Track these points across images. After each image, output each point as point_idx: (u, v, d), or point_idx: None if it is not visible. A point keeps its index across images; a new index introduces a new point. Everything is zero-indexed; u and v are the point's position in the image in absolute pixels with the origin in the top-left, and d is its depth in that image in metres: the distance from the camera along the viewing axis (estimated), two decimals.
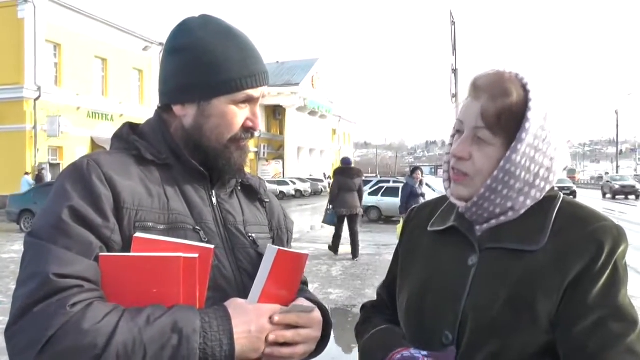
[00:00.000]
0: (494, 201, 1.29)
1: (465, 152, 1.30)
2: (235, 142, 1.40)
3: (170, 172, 1.36)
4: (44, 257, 1.12)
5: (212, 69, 1.35)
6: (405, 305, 1.42)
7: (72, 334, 1.04)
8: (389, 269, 1.61)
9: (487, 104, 1.26)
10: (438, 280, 1.35)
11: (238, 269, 1.36)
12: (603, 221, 1.23)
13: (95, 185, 1.21)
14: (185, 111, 1.38)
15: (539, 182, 1.28)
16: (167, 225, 1.27)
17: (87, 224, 1.17)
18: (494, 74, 1.31)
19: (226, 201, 1.45)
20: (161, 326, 1.09)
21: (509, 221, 1.30)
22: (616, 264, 1.19)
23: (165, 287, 1.15)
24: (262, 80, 1.41)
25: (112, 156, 1.32)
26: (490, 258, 1.29)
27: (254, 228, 1.48)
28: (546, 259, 1.21)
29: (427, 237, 1.46)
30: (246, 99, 1.39)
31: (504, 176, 1.26)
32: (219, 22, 1.42)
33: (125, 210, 1.23)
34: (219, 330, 1.14)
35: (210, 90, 1.35)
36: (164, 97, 1.42)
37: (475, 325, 1.24)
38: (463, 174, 1.32)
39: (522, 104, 1.25)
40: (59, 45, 27.31)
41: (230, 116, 1.37)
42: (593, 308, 1.16)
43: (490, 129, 1.26)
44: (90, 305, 1.08)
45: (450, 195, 1.38)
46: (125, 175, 1.27)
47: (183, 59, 1.37)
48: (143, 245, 1.18)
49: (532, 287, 1.20)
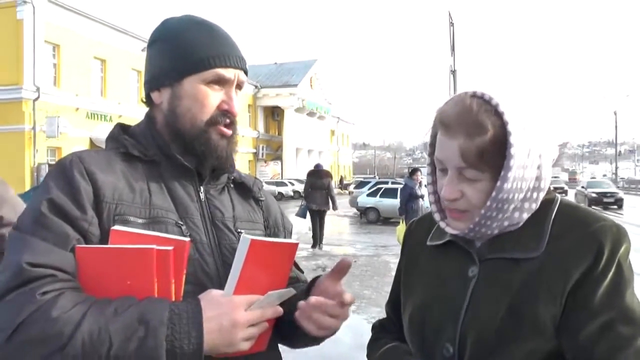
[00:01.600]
0: (491, 225, 1.26)
1: (457, 193, 1.26)
2: (212, 125, 1.39)
3: (156, 169, 1.37)
4: (20, 247, 1.14)
5: (180, 51, 1.38)
6: (408, 321, 1.41)
7: (40, 322, 1.05)
8: (392, 286, 1.60)
9: (465, 144, 1.20)
10: (439, 293, 1.34)
11: (223, 264, 1.35)
12: (602, 221, 1.21)
13: (76, 179, 1.23)
14: (161, 97, 1.41)
15: (532, 194, 1.25)
16: (148, 220, 1.28)
17: (65, 216, 1.19)
18: (461, 107, 1.22)
19: (215, 197, 1.45)
20: (128, 317, 1.09)
21: (508, 231, 1.28)
22: (619, 263, 1.16)
23: (139, 279, 1.15)
24: (234, 62, 1.41)
25: (98, 153, 1.34)
26: (490, 268, 1.27)
27: (245, 224, 1.47)
28: (547, 264, 1.20)
29: (426, 252, 1.45)
30: (217, 79, 1.38)
31: (497, 204, 1.22)
32: (195, 17, 1.46)
33: (105, 204, 1.24)
34: (188, 322, 1.12)
35: (180, 70, 1.37)
36: (144, 89, 1.46)
37: (478, 335, 1.23)
38: (461, 212, 1.29)
39: (501, 133, 1.18)
40: (57, 46, 27.23)
41: (202, 96, 1.37)
42: (599, 311, 1.14)
43: (475, 168, 1.22)
44: (62, 294, 1.10)
45: (446, 226, 1.34)
46: (108, 171, 1.29)
47: (156, 48, 1.43)
48: (120, 238, 1.19)
49: (533, 294, 1.19)
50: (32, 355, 1.04)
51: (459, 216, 1.29)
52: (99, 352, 1.05)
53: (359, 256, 13.01)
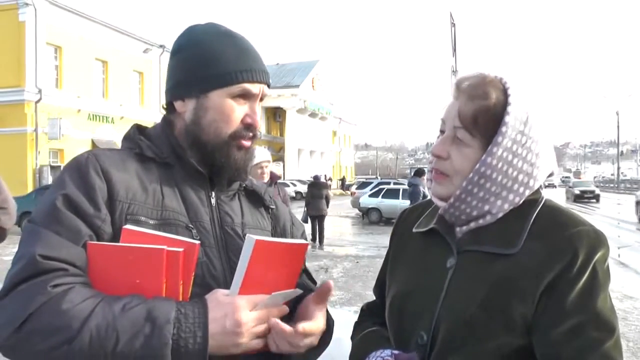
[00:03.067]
0: (470, 203, 1.29)
1: (444, 151, 1.31)
2: (235, 139, 1.40)
3: (170, 171, 1.39)
4: (34, 240, 1.17)
5: (209, 63, 1.38)
6: (389, 306, 1.43)
7: (49, 314, 1.08)
8: (380, 270, 1.63)
9: (464, 104, 1.27)
10: (418, 281, 1.36)
11: (230, 269, 1.35)
12: (581, 225, 1.22)
13: (91, 176, 1.25)
14: (185, 107, 1.41)
15: (518, 187, 1.27)
16: (159, 221, 1.30)
17: (79, 212, 1.21)
18: (477, 76, 1.31)
19: (226, 203, 1.46)
20: (135, 314, 1.11)
21: (488, 224, 1.30)
22: (595, 268, 1.18)
23: (148, 278, 1.17)
24: (260, 77, 1.42)
25: (113, 152, 1.36)
26: (468, 260, 1.29)
27: (252, 231, 1.46)
28: (522, 263, 1.21)
29: (413, 239, 1.47)
30: (244, 94, 1.40)
31: (479, 178, 1.26)
32: (220, 26, 1.46)
33: (118, 203, 1.26)
34: (194, 322, 1.14)
35: (207, 83, 1.38)
36: (166, 96, 1.47)
37: (449, 326, 1.24)
38: (442, 174, 1.32)
39: (501, 107, 1.25)
40: (59, 48, 27.31)
41: (228, 110, 1.39)
42: (570, 313, 1.16)
43: (467, 130, 1.27)
44: (72, 288, 1.12)
45: (432, 194, 1.38)
46: (123, 170, 1.31)
47: (182, 57, 1.42)
48: (131, 237, 1.20)
49: (507, 290, 1.20)
50: (40, 345, 1.07)
51: (440, 178, 1.33)
52: (106, 348, 1.07)
53: (361, 257, 13.00)
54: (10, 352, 1.10)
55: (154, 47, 34.00)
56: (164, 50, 34.13)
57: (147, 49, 33.54)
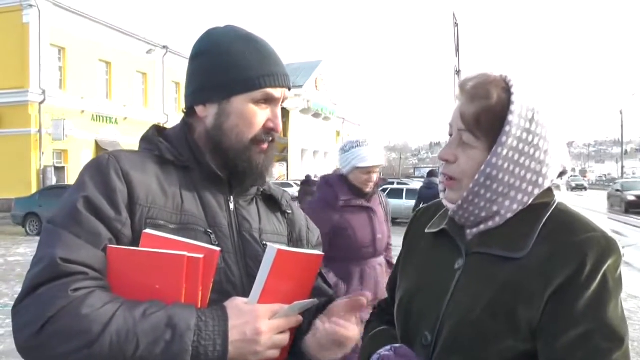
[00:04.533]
0: (478, 204, 1.28)
1: (451, 155, 1.30)
2: (256, 143, 1.40)
3: (189, 175, 1.38)
4: (54, 242, 1.16)
5: (231, 69, 1.38)
6: (397, 305, 1.44)
7: (70, 318, 1.08)
8: (392, 269, 1.63)
9: (465, 106, 1.26)
10: (426, 281, 1.36)
11: (247, 275, 1.35)
12: (592, 232, 1.19)
13: (112, 179, 1.25)
14: (206, 112, 1.41)
15: (527, 187, 1.25)
16: (178, 225, 1.29)
17: (99, 215, 1.21)
18: (480, 76, 1.29)
19: (244, 208, 1.46)
20: (156, 320, 1.11)
21: (498, 226, 1.28)
22: (605, 276, 1.15)
23: (168, 284, 1.16)
24: (282, 81, 1.43)
25: (133, 154, 1.36)
26: (476, 263, 1.28)
27: (270, 237, 1.48)
28: (530, 267, 1.19)
29: (424, 240, 1.47)
30: (266, 98, 1.40)
31: (486, 180, 1.25)
32: (240, 29, 1.46)
33: (138, 207, 1.26)
34: (214, 330, 1.14)
35: (229, 88, 1.38)
36: (187, 100, 1.46)
37: (454, 327, 1.24)
38: (451, 178, 1.32)
39: (503, 106, 1.23)
40: (63, 49, 27.37)
41: (250, 115, 1.38)
42: (579, 321, 1.13)
43: (471, 131, 1.26)
44: (92, 292, 1.12)
45: (443, 199, 1.38)
46: (143, 173, 1.30)
47: (204, 61, 1.42)
48: (151, 242, 1.19)
49: (513, 294, 1.18)
50: (60, 349, 1.07)
51: (451, 184, 1.32)
52: (126, 353, 1.07)
53: None
54: (30, 354, 1.11)
55: (157, 48, 34.06)
56: (167, 51, 34.19)
57: (150, 49, 33.57)
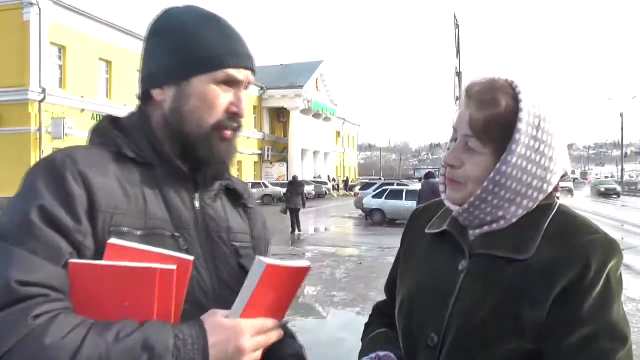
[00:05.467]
0: (485, 209, 1.28)
1: (456, 160, 1.30)
2: (219, 130, 1.29)
3: (151, 172, 1.26)
4: (7, 261, 1.01)
5: (191, 47, 1.27)
6: (399, 307, 1.43)
7: (32, 349, 0.95)
8: (391, 269, 1.62)
9: (474, 112, 1.26)
10: (429, 283, 1.36)
11: (218, 281, 1.27)
12: (595, 234, 1.22)
13: (69, 184, 1.10)
14: (164, 95, 1.29)
15: (532, 193, 1.26)
16: (145, 231, 1.17)
17: (58, 227, 1.06)
18: (487, 81, 1.29)
19: (210, 205, 1.35)
20: (131, 343, 1.00)
21: (502, 228, 1.29)
22: (609, 277, 1.17)
23: (139, 300, 1.06)
24: (246, 62, 1.32)
25: (89, 152, 1.21)
26: (480, 264, 1.28)
27: (237, 236, 1.38)
28: (534, 269, 1.20)
29: (425, 240, 1.46)
30: (228, 80, 1.28)
31: (494, 187, 1.25)
32: (201, 9, 1.35)
33: (100, 213, 1.12)
34: (193, 349, 1.05)
35: (189, 67, 1.27)
36: (143, 84, 1.34)
37: (460, 329, 1.24)
38: (456, 182, 1.32)
39: (512, 114, 1.23)
40: (63, 48, 27.35)
41: (212, 97, 1.27)
42: (583, 322, 1.15)
43: (478, 138, 1.26)
44: (56, 317, 0.99)
45: (445, 199, 1.38)
46: (103, 175, 1.16)
47: (162, 41, 1.31)
48: (117, 253, 1.07)
49: (518, 296, 1.20)
50: None
51: (454, 185, 1.32)
52: None
53: (364, 258, 13.00)
54: None
55: None
56: None
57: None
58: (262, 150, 50.58)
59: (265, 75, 51.31)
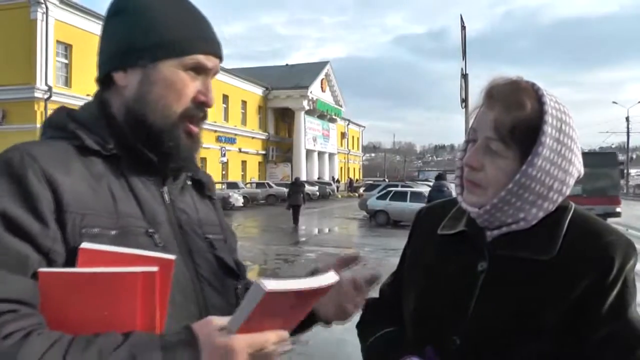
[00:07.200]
0: (507, 212, 1.27)
1: (478, 162, 1.28)
2: (186, 119, 1.20)
3: (116, 165, 1.16)
4: None
5: (159, 29, 1.17)
6: (412, 308, 1.41)
7: None
8: (395, 270, 1.60)
9: (500, 115, 1.24)
10: (447, 284, 1.34)
11: (197, 277, 1.19)
12: (615, 234, 1.24)
13: (32, 184, 1.00)
14: (127, 80, 1.19)
15: (552, 195, 1.26)
16: (118, 230, 1.07)
17: (22, 233, 0.96)
18: (510, 83, 1.28)
19: (179, 198, 1.26)
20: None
21: (521, 229, 1.28)
22: (626, 278, 1.19)
23: (120, 308, 0.95)
24: (216, 49, 1.24)
25: (50, 148, 1.10)
26: (501, 265, 1.28)
27: (209, 228, 1.31)
28: (556, 270, 1.21)
29: (436, 241, 1.44)
30: (197, 67, 1.20)
31: (519, 189, 1.24)
32: None
33: (69, 214, 1.02)
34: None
35: (157, 50, 1.17)
36: (103, 67, 1.24)
37: (483, 331, 1.25)
38: (476, 185, 1.30)
39: (537, 117, 1.23)
40: (70, 46, 27.46)
41: (179, 84, 1.18)
42: (604, 322, 1.17)
43: (502, 141, 1.25)
44: (28, 336, 0.87)
45: (462, 201, 1.35)
46: (67, 171, 1.06)
47: (126, 19, 1.20)
48: (91, 258, 0.97)
49: (540, 296, 1.21)
50: None
51: (475, 189, 1.30)
52: None
53: (368, 259, 12.96)
54: None
55: None
56: None
57: None
58: (267, 151, 50.68)
59: (271, 75, 51.38)
